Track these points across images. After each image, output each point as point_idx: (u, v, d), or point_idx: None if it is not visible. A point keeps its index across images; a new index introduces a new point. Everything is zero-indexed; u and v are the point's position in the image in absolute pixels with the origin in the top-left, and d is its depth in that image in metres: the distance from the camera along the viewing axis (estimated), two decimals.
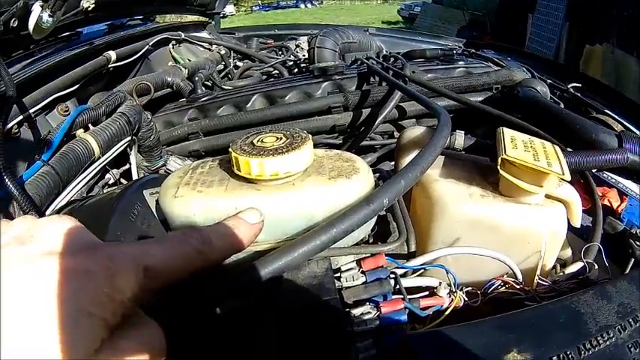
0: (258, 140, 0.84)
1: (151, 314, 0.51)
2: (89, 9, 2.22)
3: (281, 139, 0.84)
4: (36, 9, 1.66)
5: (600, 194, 1.33)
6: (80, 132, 1.48)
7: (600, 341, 0.78)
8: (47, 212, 1.18)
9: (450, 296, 0.92)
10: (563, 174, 0.92)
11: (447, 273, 0.95)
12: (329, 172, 0.83)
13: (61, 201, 1.29)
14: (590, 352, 0.77)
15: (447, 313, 0.90)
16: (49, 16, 1.74)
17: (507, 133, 1.06)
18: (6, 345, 0.40)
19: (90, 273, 0.45)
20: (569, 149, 1.25)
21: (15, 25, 1.63)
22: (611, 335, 0.79)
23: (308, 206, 0.79)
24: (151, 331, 0.49)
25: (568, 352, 0.76)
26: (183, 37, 3.04)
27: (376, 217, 0.82)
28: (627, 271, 1.14)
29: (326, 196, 0.80)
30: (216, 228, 0.61)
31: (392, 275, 0.88)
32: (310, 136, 0.85)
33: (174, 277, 0.52)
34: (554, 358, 0.75)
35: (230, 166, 0.84)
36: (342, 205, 0.79)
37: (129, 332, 0.47)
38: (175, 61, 2.83)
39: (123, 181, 1.73)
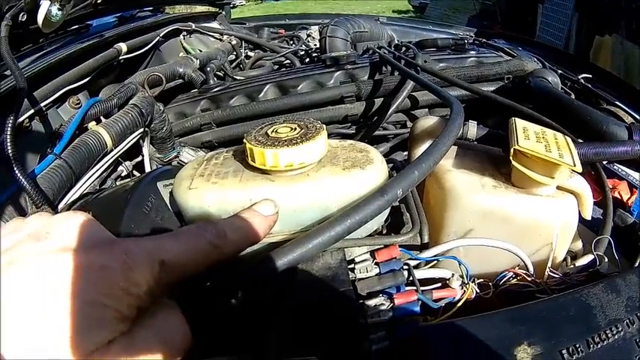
0: (273, 131, 0.85)
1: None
2: (98, 1, 2.23)
3: (295, 129, 0.84)
4: (45, 2, 1.66)
5: (611, 186, 1.33)
6: (92, 124, 1.49)
7: (609, 335, 0.78)
8: (60, 206, 1.18)
9: (462, 288, 0.93)
10: (575, 165, 0.92)
11: (460, 264, 0.95)
12: (343, 163, 0.84)
13: (73, 194, 1.29)
14: (599, 345, 0.77)
15: (459, 304, 0.91)
16: (58, 9, 1.74)
17: (519, 124, 1.06)
18: (16, 343, 0.41)
19: (106, 268, 0.46)
20: (580, 140, 1.25)
21: (24, 19, 1.63)
22: (620, 329, 0.79)
23: (322, 197, 0.80)
24: (172, 321, 0.50)
25: (577, 346, 0.76)
26: (193, 27, 3.03)
27: (390, 208, 0.82)
28: (636, 265, 1.14)
29: (340, 187, 0.80)
30: (230, 221, 0.62)
31: (405, 267, 0.89)
32: (324, 126, 0.86)
33: (189, 271, 0.53)
34: (564, 351, 0.75)
35: (244, 157, 0.84)
36: (356, 196, 0.79)
37: (148, 321, 0.48)
38: (186, 51, 2.82)
39: (136, 173, 1.74)
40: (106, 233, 0.53)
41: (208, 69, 2.35)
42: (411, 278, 0.87)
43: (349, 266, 0.86)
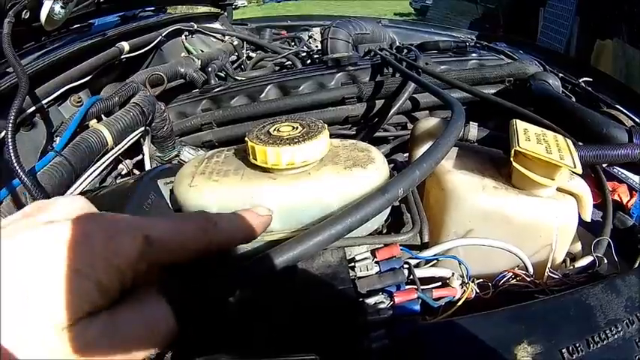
0: (275, 129, 0.85)
1: (162, 294, 0.51)
2: (101, 0, 2.23)
3: (297, 128, 0.84)
4: (48, 0, 1.67)
5: (610, 189, 1.33)
6: (93, 122, 1.49)
7: (609, 334, 0.79)
8: None
9: (462, 287, 0.93)
10: (575, 167, 0.93)
11: (460, 264, 0.95)
12: (345, 162, 0.84)
13: (74, 191, 1.28)
14: (599, 345, 0.78)
15: (459, 304, 0.91)
16: (61, 7, 1.74)
17: (520, 126, 1.06)
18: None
19: (87, 236, 0.46)
20: (580, 143, 1.25)
21: (27, 17, 1.64)
22: (620, 329, 0.80)
23: (323, 195, 0.80)
24: (158, 310, 0.49)
25: (577, 345, 0.77)
26: (195, 28, 3.02)
27: (390, 207, 0.82)
28: (636, 266, 1.14)
29: (342, 186, 0.80)
30: (222, 214, 0.61)
31: (405, 265, 0.89)
32: (326, 125, 0.86)
33: (176, 253, 0.52)
34: (564, 350, 0.76)
35: (246, 156, 0.84)
36: (357, 195, 0.79)
37: (133, 305, 0.48)
38: (188, 51, 2.82)
39: (136, 171, 1.74)
40: (93, 209, 0.53)
41: (210, 69, 2.35)
42: (411, 277, 0.88)
43: (349, 265, 0.85)
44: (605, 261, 1.03)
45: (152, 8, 3.14)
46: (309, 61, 3.08)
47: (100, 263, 0.45)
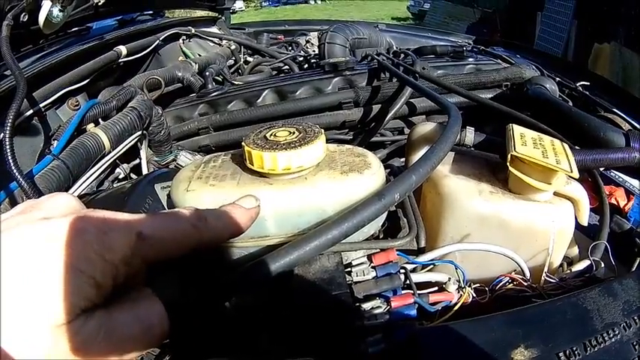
0: (271, 134, 0.84)
1: (158, 295, 0.51)
2: (99, 4, 2.24)
3: (294, 133, 0.84)
4: (46, 4, 1.67)
5: (607, 193, 1.33)
6: (91, 126, 1.49)
7: (606, 338, 0.79)
8: None
9: (458, 292, 0.93)
10: (572, 171, 0.93)
11: (456, 269, 0.95)
12: (341, 167, 0.84)
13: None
14: (596, 348, 0.78)
15: (455, 308, 0.91)
16: (60, 10, 1.74)
17: (517, 130, 1.06)
18: None
19: (82, 232, 0.46)
20: (577, 147, 1.25)
21: (25, 20, 1.64)
22: (617, 332, 0.80)
23: (320, 200, 0.80)
24: (151, 308, 0.50)
25: (574, 349, 0.77)
26: (193, 32, 3.03)
27: (387, 212, 0.82)
28: (633, 270, 1.15)
29: (338, 191, 0.80)
30: (211, 210, 0.62)
31: (402, 270, 0.89)
32: (323, 130, 0.85)
33: (168, 248, 0.53)
34: (561, 354, 0.76)
35: (242, 160, 0.84)
36: (353, 200, 0.79)
37: (128, 305, 0.48)
38: (186, 56, 2.83)
39: (133, 175, 1.74)
40: (84, 207, 0.54)
41: (207, 73, 2.35)
42: (407, 282, 0.88)
43: (346, 270, 0.85)
44: (602, 265, 1.03)
45: (150, 12, 3.15)
46: (306, 66, 3.09)
47: (94, 258, 0.45)
